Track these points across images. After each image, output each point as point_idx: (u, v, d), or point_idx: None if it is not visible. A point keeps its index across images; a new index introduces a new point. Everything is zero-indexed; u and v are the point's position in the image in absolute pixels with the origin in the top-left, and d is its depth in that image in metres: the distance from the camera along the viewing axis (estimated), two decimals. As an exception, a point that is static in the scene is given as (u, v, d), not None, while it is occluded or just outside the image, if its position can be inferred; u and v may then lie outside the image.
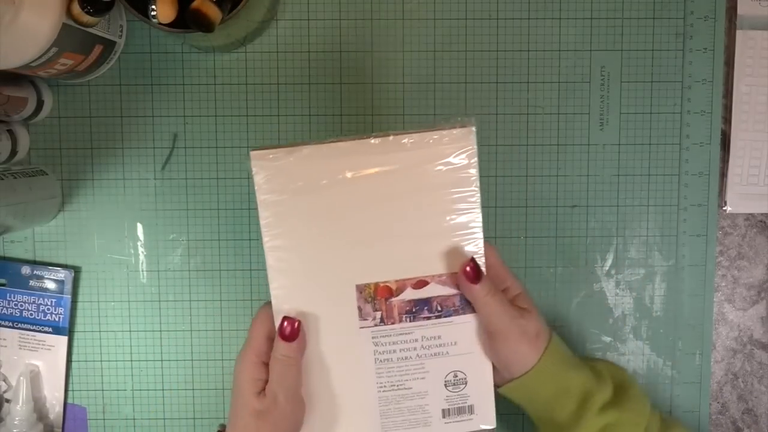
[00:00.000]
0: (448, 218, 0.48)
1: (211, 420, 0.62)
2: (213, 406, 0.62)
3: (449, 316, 0.49)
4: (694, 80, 0.61)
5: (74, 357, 0.62)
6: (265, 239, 0.47)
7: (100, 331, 0.62)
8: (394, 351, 0.49)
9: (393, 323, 0.48)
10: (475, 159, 0.47)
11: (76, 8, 0.48)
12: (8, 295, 0.61)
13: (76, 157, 0.61)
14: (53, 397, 0.62)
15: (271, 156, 0.46)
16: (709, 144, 0.62)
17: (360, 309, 0.48)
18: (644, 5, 0.61)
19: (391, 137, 0.47)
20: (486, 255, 0.48)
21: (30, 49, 0.48)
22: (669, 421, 0.52)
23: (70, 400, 0.62)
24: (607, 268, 0.62)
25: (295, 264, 0.47)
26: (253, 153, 0.46)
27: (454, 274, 0.48)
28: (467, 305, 0.48)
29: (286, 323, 0.46)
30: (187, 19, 0.46)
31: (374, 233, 0.48)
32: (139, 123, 0.61)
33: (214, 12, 0.46)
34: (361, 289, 0.48)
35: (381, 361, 0.49)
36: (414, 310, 0.48)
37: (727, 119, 0.62)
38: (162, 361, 0.62)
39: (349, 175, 0.47)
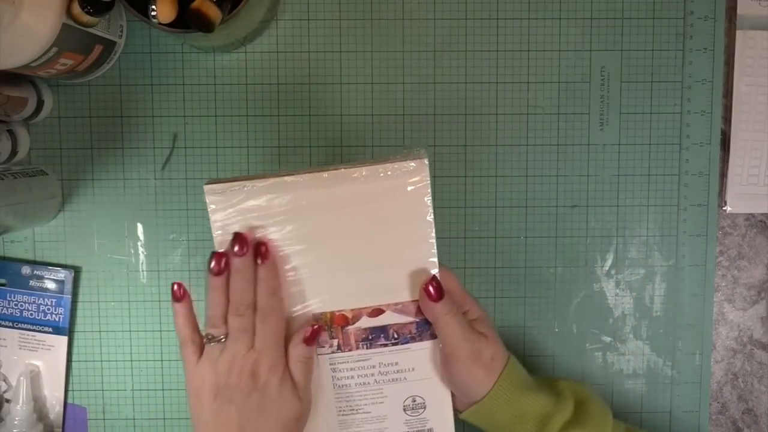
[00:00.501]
0: (403, 249, 0.49)
1: (211, 420, 0.62)
2: (213, 406, 0.62)
3: (406, 343, 0.50)
4: (694, 80, 0.61)
5: (74, 357, 0.62)
6: None
7: (100, 331, 0.62)
8: (352, 377, 0.50)
9: (350, 350, 0.49)
10: (428, 190, 0.48)
11: (76, 8, 0.48)
12: (8, 295, 0.61)
13: (76, 157, 0.61)
14: (53, 397, 0.62)
15: (225, 190, 0.47)
16: (709, 144, 0.62)
17: None
18: (644, 5, 0.61)
19: (343, 170, 0.48)
20: (444, 280, 0.49)
21: (30, 49, 0.48)
22: (633, 431, 0.52)
23: (70, 400, 0.62)
24: (607, 268, 0.62)
25: None
26: (207, 187, 0.47)
27: (410, 302, 0.49)
28: (424, 332, 0.49)
29: (309, 327, 0.47)
30: (187, 19, 0.46)
31: (329, 265, 0.48)
32: (139, 123, 0.61)
33: (214, 12, 0.46)
34: (317, 317, 0.49)
35: (339, 386, 0.50)
36: (370, 337, 0.49)
37: (727, 119, 0.62)
38: (162, 361, 0.62)
39: (303, 209, 0.48)
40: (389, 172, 0.47)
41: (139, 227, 0.61)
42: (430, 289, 0.47)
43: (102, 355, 0.62)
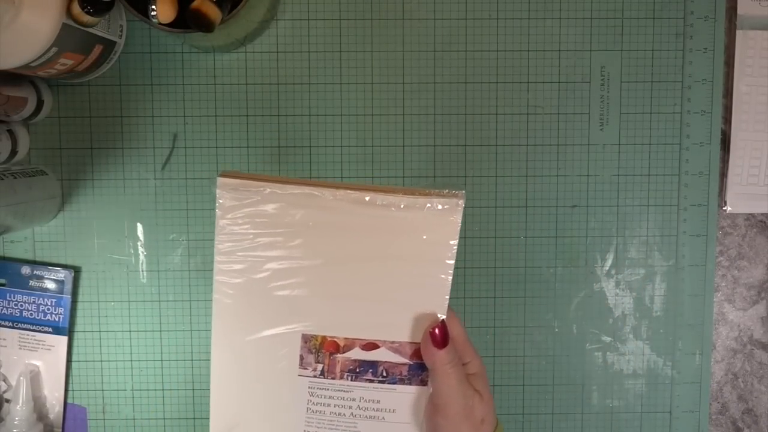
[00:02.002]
0: (415, 288, 0.46)
1: (211, 420, 0.62)
2: (213, 406, 0.62)
3: (394, 383, 0.47)
4: (694, 80, 0.61)
5: (74, 357, 0.62)
6: (217, 268, 0.45)
7: (100, 331, 0.62)
8: (329, 405, 0.48)
9: (333, 378, 0.47)
10: (457, 233, 0.45)
11: (76, 8, 0.48)
12: (8, 295, 0.61)
13: (76, 157, 0.61)
14: (53, 397, 0.62)
15: (241, 187, 0.44)
16: (709, 144, 0.62)
17: (302, 357, 0.47)
18: (644, 5, 0.61)
19: (372, 194, 0.45)
20: (450, 326, 0.46)
21: (30, 49, 0.48)
22: None
23: (70, 400, 0.62)
24: (607, 268, 0.62)
25: (244, 300, 0.46)
26: (220, 180, 0.44)
27: (408, 343, 0.46)
28: (415, 377, 0.47)
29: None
30: (187, 19, 0.46)
31: (332, 288, 0.46)
32: (139, 123, 0.61)
33: (214, 12, 0.46)
34: (307, 338, 0.47)
35: (313, 411, 0.48)
36: (358, 370, 0.47)
37: (727, 119, 0.62)
38: (162, 361, 0.62)
39: (317, 225, 0.45)
40: (420, 208, 0.45)
41: (139, 227, 0.61)
42: (437, 333, 0.45)
43: (102, 355, 0.62)
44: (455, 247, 0.46)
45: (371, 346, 0.47)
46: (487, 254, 0.62)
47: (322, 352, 0.47)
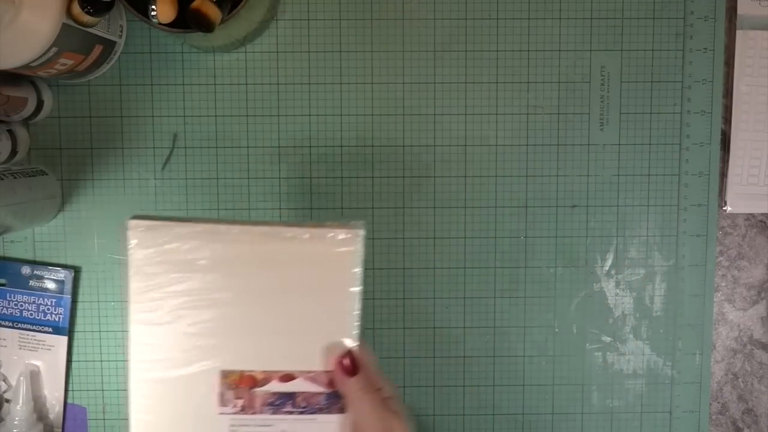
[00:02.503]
0: (324, 318, 0.48)
1: (211, 420, 0.62)
2: (213, 406, 0.62)
3: (313, 413, 0.48)
4: (694, 80, 0.61)
5: (74, 357, 0.62)
6: (132, 308, 0.46)
7: (100, 331, 0.62)
8: None
9: (254, 413, 0.48)
10: (359, 262, 0.47)
11: (76, 8, 0.48)
12: (8, 295, 0.61)
13: (76, 157, 0.61)
14: (53, 397, 0.62)
15: (152, 227, 0.46)
16: (709, 144, 0.62)
17: (221, 395, 0.47)
18: (644, 5, 0.61)
19: (276, 228, 0.47)
20: (362, 355, 0.48)
21: (30, 49, 0.48)
22: None
23: (70, 400, 0.62)
24: (607, 268, 0.62)
25: (161, 339, 0.47)
26: (131, 222, 0.45)
27: (324, 372, 0.48)
28: (333, 405, 0.48)
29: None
30: (187, 19, 0.46)
31: (246, 322, 0.47)
32: (139, 123, 0.61)
33: (214, 12, 0.46)
34: (225, 374, 0.47)
35: None
36: (277, 402, 0.48)
37: (727, 119, 0.62)
38: (162, 361, 0.62)
39: (229, 261, 0.47)
40: (322, 238, 0.47)
41: (139, 227, 0.61)
42: (346, 362, 0.47)
43: (102, 355, 0.62)
44: (359, 276, 0.47)
45: (288, 377, 0.48)
46: (487, 254, 0.62)
47: (240, 388, 0.47)
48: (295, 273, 0.47)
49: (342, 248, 0.47)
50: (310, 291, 0.47)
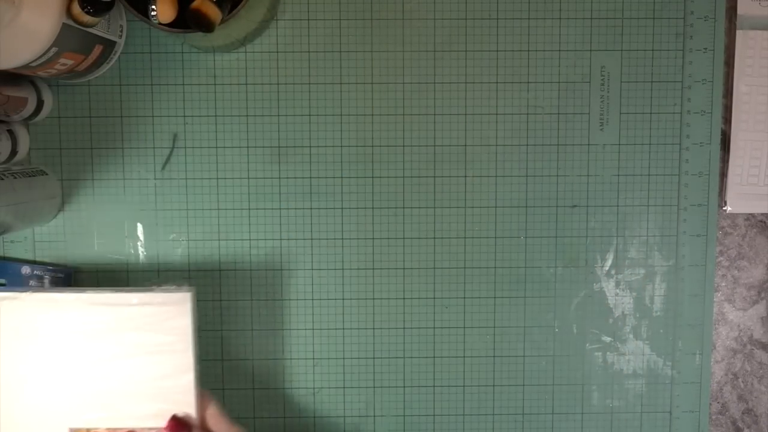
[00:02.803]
0: (161, 377, 0.52)
1: (211, 420, 0.62)
2: (213, 406, 0.62)
3: None
4: (694, 80, 0.61)
5: (74, 357, 0.62)
6: None
7: (100, 331, 0.62)
8: None
9: None
10: (190, 323, 0.51)
11: (76, 8, 0.48)
12: (8, 295, 0.61)
13: (76, 157, 0.61)
14: (53, 397, 0.62)
15: None
16: (709, 144, 0.62)
17: None
18: (644, 5, 0.61)
19: (106, 294, 0.51)
20: (203, 408, 0.52)
21: (30, 49, 0.48)
22: None
23: (70, 400, 0.62)
24: (607, 268, 0.62)
25: (8, 403, 0.51)
26: None
27: (163, 430, 0.52)
28: None
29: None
30: (187, 19, 0.46)
31: (90, 384, 0.52)
32: (139, 123, 0.61)
33: (214, 12, 0.46)
34: None
35: None
36: None
37: (727, 119, 0.62)
38: (162, 361, 0.62)
39: (66, 327, 0.51)
40: (150, 303, 0.51)
41: (139, 227, 0.61)
42: (172, 424, 0.51)
43: (102, 355, 0.62)
44: (191, 337, 0.51)
45: None
46: (487, 254, 0.62)
47: None
48: (131, 336, 0.52)
49: (173, 311, 0.51)
50: (147, 353, 0.52)
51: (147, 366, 0.52)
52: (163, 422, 0.52)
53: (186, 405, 0.52)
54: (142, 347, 0.52)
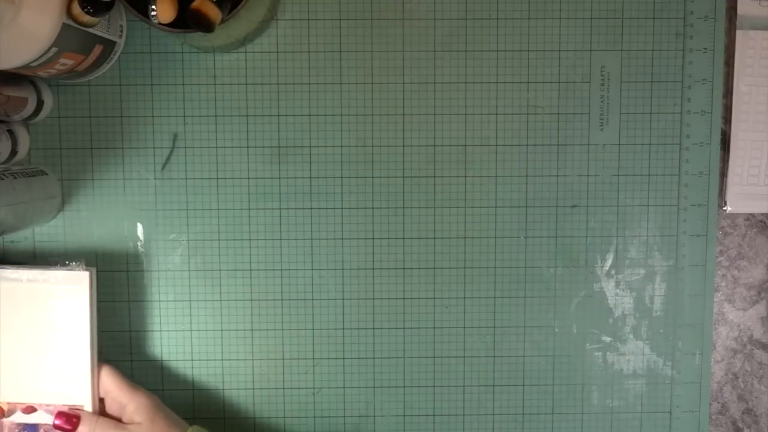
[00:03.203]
0: (60, 354, 0.53)
1: (211, 420, 0.62)
2: (213, 406, 0.62)
3: None
4: (694, 80, 0.61)
5: (74, 357, 0.62)
6: None
7: (100, 331, 0.62)
8: None
9: None
10: (86, 299, 0.52)
11: (76, 8, 0.48)
12: (8, 295, 0.61)
13: (76, 157, 0.61)
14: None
15: None
16: (709, 144, 0.62)
17: None
18: (644, 5, 0.61)
19: (7, 271, 0.52)
20: (102, 382, 0.54)
21: (30, 49, 0.48)
22: None
23: (70, 400, 0.62)
24: (607, 268, 0.62)
25: None
26: None
27: (60, 406, 0.53)
28: None
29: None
30: (187, 19, 0.46)
31: None
32: (139, 123, 0.61)
33: (214, 12, 0.46)
34: None
35: None
36: None
37: (727, 119, 0.62)
38: (162, 361, 0.62)
39: None
40: (50, 279, 0.52)
41: (139, 227, 0.61)
42: (59, 423, 0.52)
43: (102, 355, 0.62)
44: (89, 315, 0.53)
45: (30, 409, 0.53)
46: (487, 254, 0.62)
47: None
48: (29, 312, 0.53)
49: (71, 288, 0.53)
50: (45, 329, 0.53)
51: (43, 343, 0.53)
52: (58, 399, 0.53)
53: (82, 383, 0.53)
54: (40, 325, 0.53)
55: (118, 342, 0.62)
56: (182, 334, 0.62)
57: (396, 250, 0.62)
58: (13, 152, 0.58)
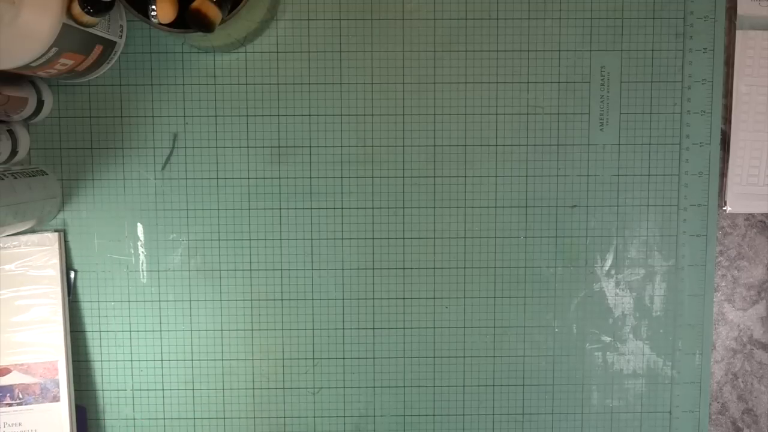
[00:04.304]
0: (30, 312, 0.54)
1: (211, 420, 0.62)
2: (213, 406, 0.62)
3: (30, 403, 0.53)
4: (694, 80, 0.61)
5: (74, 357, 0.62)
6: None
7: (100, 331, 0.62)
8: None
9: None
10: (56, 261, 0.54)
11: (76, 8, 0.48)
12: (8, 295, 0.61)
13: (76, 157, 0.61)
14: (53, 397, 0.62)
15: None
16: (709, 144, 0.62)
17: None
18: (644, 5, 0.61)
19: None
20: None
21: (30, 49, 0.48)
22: None
23: (70, 400, 0.62)
24: (607, 268, 0.62)
25: None
26: None
27: (35, 364, 0.53)
28: (48, 394, 0.54)
29: None
30: (187, 19, 0.46)
31: None
32: (139, 123, 0.61)
33: (214, 12, 0.46)
34: None
35: None
36: None
37: (727, 119, 0.62)
38: (162, 361, 0.62)
39: None
40: (21, 245, 0.54)
41: (139, 227, 0.61)
42: None
43: (102, 355, 0.62)
44: (60, 276, 0.54)
45: (4, 371, 0.53)
46: (487, 254, 0.62)
47: None
48: (1, 276, 0.54)
49: (39, 250, 0.54)
50: (15, 290, 0.54)
51: (18, 301, 0.53)
52: (32, 358, 0.53)
53: (55, 342, 0.54)
54: (14, 284, 0.53)
55: (118, 342, 0.62)
56: (182, 334, 0.62)
57: (396, 250, 0.62)
58: (14, 152, 0.58)
